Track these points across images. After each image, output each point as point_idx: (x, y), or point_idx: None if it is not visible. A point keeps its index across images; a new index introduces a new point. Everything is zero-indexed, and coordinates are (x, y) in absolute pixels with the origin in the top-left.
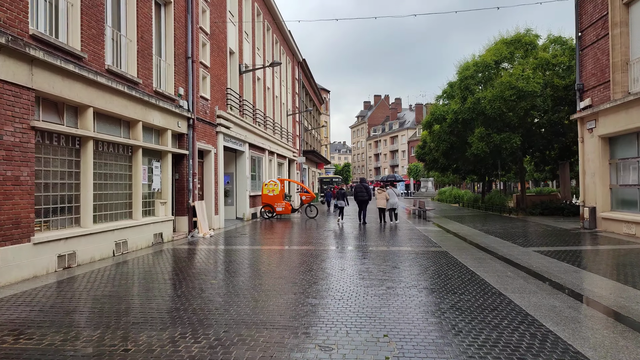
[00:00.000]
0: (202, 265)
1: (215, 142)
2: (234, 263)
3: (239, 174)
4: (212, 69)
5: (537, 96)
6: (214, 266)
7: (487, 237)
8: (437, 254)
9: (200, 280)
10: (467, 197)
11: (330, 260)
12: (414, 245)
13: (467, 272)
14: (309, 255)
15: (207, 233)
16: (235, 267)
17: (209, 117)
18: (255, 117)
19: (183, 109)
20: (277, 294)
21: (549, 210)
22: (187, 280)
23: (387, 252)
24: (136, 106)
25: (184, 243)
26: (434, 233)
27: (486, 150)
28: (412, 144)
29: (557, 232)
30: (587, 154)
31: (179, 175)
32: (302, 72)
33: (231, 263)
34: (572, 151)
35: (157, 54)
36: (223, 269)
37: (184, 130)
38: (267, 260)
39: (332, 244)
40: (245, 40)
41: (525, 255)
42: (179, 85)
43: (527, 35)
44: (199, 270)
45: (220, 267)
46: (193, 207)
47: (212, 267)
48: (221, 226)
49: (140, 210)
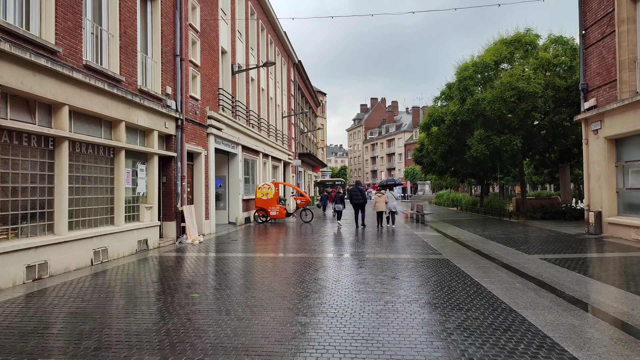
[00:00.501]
0: (186, 275)
1: (205, 143)
2: (220, 273)
3: (232, 177)
4: (203, 68)
5: (538, 97)
6: (198, 277)
7: (489, 243)
8: (438, 263)
9: (182, 293)
10: (465, 200)
11: (325, 269)
12: (413, 252)
13: (471, 284)
14: (302, 263)
15: (196, 239)
16: (221, 278)
17: (199, 118)
18: (248, 119)
19: (171, 109)
20: (264, 310)
21: (550, 214)
22: (167, 293)
23: (385, 261)
24: (118, 105)
25: (170, 250)
26: (433, 239)
27: (486, 153)
28: (409, 147)
29: (561, 238)
30: (592, 156)
31: (167, 179)
32: (298, 74)
33: (217, 273)
34: (573, 154)
35: (143, 50)
36: (208, 280)
37: (172, 131)
38: (256, 269)
39: (327, 251)
40: (238, 39)
41: (531, 263)
42: (166, 84)
43: (527, 35)
44: (182, 281)
45: (205, 278)
46: (181, 211)
47: (196, 277)
48: (212, 231)
49: (122, 215)
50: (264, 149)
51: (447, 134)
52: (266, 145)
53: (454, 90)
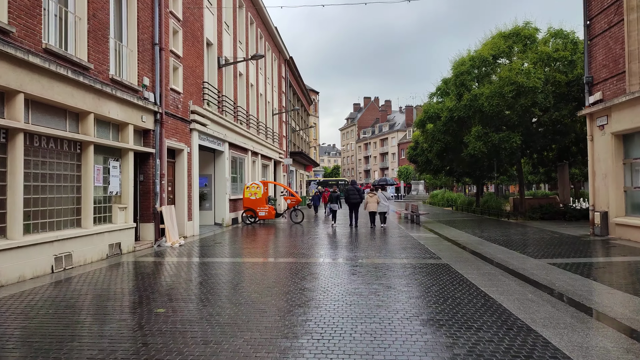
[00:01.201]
0: (157, 284)
1: (188, 140)
2: (195, 282)
3: (218, 175)
4: (186, 60)
5: (538, 92)
6: (169, 286)
7: (490, 245)
8: (438, 268)
9: (146, 307)
10: (460, 200)
11: (313, 277)
12: (409, 256)
13: (478, 295)
14: (289, 270)
15: (176, 242)
16: (194, 288)
17: (182, 112)
18: (236, 115)
19: (148, 101)
20: (239, 330)
21: (549, 214)
22: (129, 307)
23: (380, 266)
24: (86, 95)
25: (146, 254)
26: (429, 241)
27: (484, 151)
28: (402, 146)
29: (566, 240)
30: (597, 154)
31: (144, 177)
32: (289, 71)
33: (192, 282)
34: (571, 152)
35: (117, 37)
36: (179, 291)
37: (150, 125)
38: (237, 277)
39: (317, 255)
40: (226, 31)
41: (540, 269)
42: (143, 75)
43: (526, 29)
44: (150, 292)
45: (176, 289)
46: (160, 212)
47: (166, 287)
48: (195, 233)
49: (91, 217)
50: (252, 147)
51: (443, 131)
52: (255, 142)
53: (450, 86)
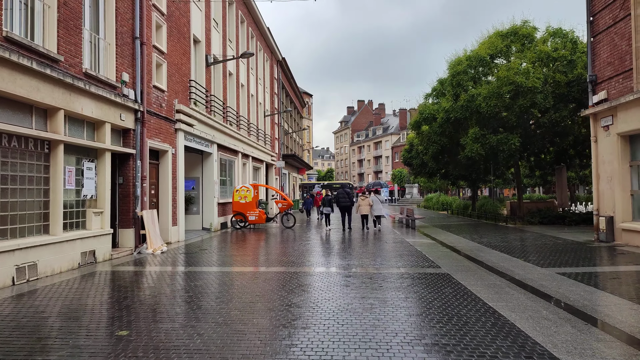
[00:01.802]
0: (127, 299)
1: (173, 140)
2: (169, 296)
3: (206, 178)
4: (171, 57)
5: (538, 92)
6: (140, 302)
7: (491, 252)
8: (438, 279)
9: (108, 329)
10: (456, 204)
11: (302, 289)
12: (406, 264)
13: (486, 311)
14: (277, 281)
15: (158, 248)
16: (167, 304)
17: (166, 111)
18: (226, 116)
19: (128, 98)
20: (209, 358)
21: (548, 218)
22: (88, 328)
23: (375, 276)
24: (54, 90)
25: (124, 263)
26: (427, 247)
27: (481, 153)
28: (396, 149)
29: (570, 247)
30: (601, 155)
31: (124, 179)
32: (282, 72)
33: (166, 296)
34: (569, 155)
35: (93, 29)
36: (150, 308)
37: (130, 124)
38: (218, 290)
39: (308, 264)
40: (214, 29)
41: (549, 279)
42: (122, 70)
43: (524, 27)
44: (118, 308)
45: (148, 304)
46: (141, 217)
47: (137, 303)
48: (180, 239)
49: (60, 223)
50: (243, 149)
51: (439, 132)
52: (246, 144)
53: (446, 86)
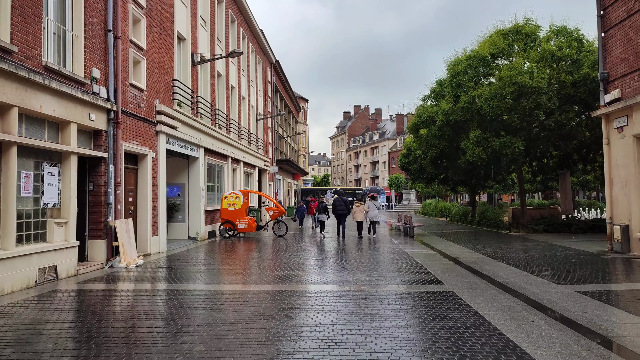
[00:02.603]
0: (76, 327)
1: (154, 144)
2: (127, 324)
3: (192, 184)
4: (151, 53)
5: (542, 93)
6: (89, 332)
7: (498, 265)
8: (442, 299)
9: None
10: (455, 210)
11: (286, 314)
12: (405, 279)
13: (505, 346)
14: (257, 302)
15: (133, 261)
16: (120, 336)
17: (145, 112)
18: (214, 119)
19: (99, 97)
20: None
21: (553, 226)
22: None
23: (371, 296)
24: (5, 84)
25: (92, 279)
26: (427, 259)
27: (483, 157)
28: (393, 154)
29: (583, 258)
30: (615, 159)
31: (95, 185)
32: (276, 75)
33: (124, 323)
34: (573, 159)
35: (58, 20)
36: (99, 342)
37: (101, 125)
38: (187, 315)
39: (295, 280)
40: (202, 27)
41: (571, 301)
42: (92, 66)
43: (526, 26)
44: (62, 341)
45: (98, 336)
46: (113, 227)
47: (85, 334)
48: (162, 250)
49: (13, 235)
50: (233, 153)
51: (439, 136)
52: (236, 149)
53: (445, 87)
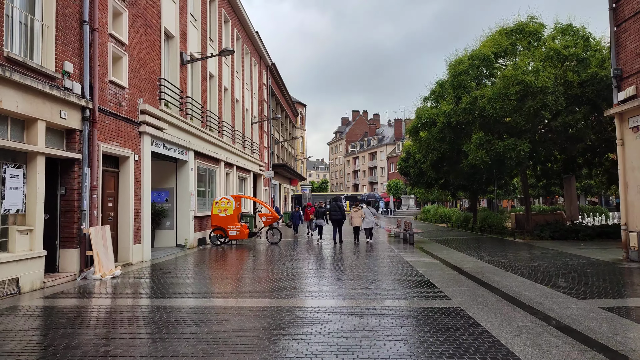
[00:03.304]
0: (26, 354)
1: (137, 145)
2: (84, 351)
3: (181, 189)
4: (134, 49)
5: (548, 93)
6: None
7: (507, 276)
8: (449, 317)
9: None
10: (455, 216)
11: (267, 338)
12: (407, 293)
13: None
14: (237, 322)
15: (109, 272)
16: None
17: (127, 111)
18: (205, 121)
19: (72, 93)
20: None
21: (559, 232)
22: None
23: (368, 314)
24: None
25: (60, 293)
26: (429, 268)
27: (486, 160)
28: (392, 160)
29: (599, 268)
30: (630, 161)
31: (67, 190)
32: (272, 78)
33: (85, 346)
34: (578, 163)
35: (27, 8)
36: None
37: (75, 124)
38: (157, 341)
39: (284, 294)
40: (192, 25)
41: (597, 319)
42: (65, 59)
43: (530, 24)
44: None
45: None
46: (87, 235)
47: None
48: (145, 259)
49: None
50: (226, 157)
51: (439, 139)
52: (229, 152)
53: (446, 88)
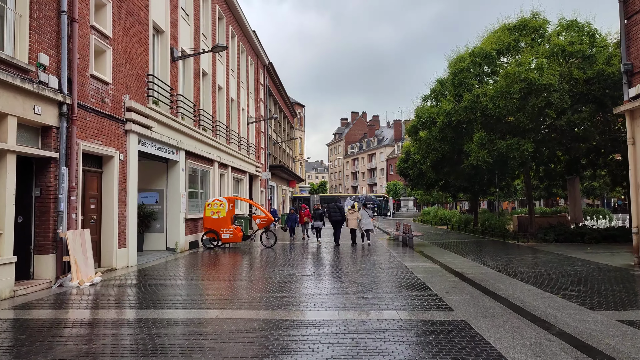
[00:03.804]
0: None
1: (123, 144)
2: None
3: (172, 190)
4: (119, 43)
5: (553, 91)
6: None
7: (514, 283)
8: (453, 333)
9: None
10: (456, 218)
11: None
12: (406, 303)
13: None
14: (216, 338)
15: (87, 280)
16: None
17: (111, 108)
18: (198, 120)
19: (47, 87)
20: None
21: (564, 236)
22: None
23: (363, 329)
24: None
25: (30, 303)
26: (430, 274)
27: (489, 160)
28: (391, 161)
29: (609, 274)
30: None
31: (42, 190)
32: (269, 78)
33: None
34: (581, 164)
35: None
36: None
37: (51, 120)
38: (115, 355)
39: (273, 305)
40: (184, 20)
41: (618, 335)
42: (39, 51)
43: (534, 20)
44: None
45: None
46: (65, 239)
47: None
48: (131, 264)
49: None
50: (220, 157)
51: (440, 138)
52: (224, 153)
53: (447, 86)
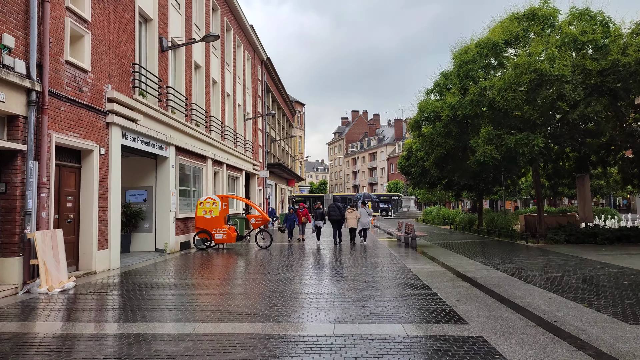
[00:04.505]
0: None
1: (104, 137)
2: None
3: (161, 188)
4: (99, 28)
5: (566, 82)
6: None
7: (530, 289)
8: (469, 353)
9: None
10: (459, 218)
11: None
12: (412, 313)
13: None
14: (204, 355)
15: (58, 285)
16: None
17: (91, 98)
18: (190, 114)
19: (13, 72)
20: None
21: (576, 236)
22: None
23: (361, 349)
24: None
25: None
26: (436, 279)
27: (496, 157)
28: (392, 160)
29: (635, 279)
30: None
31: (7, 187)
32: (267, 74)
33: None
34: (591, 161)
35: None
36: None
37: (17, 109)
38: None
39: (261, 317)
40: (174, 8)
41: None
42: (3, 31)
43: (543, 8)
44: None
45: None
46: (33, 240)
47: None
48: (113, 266)
49: None
50: (214, 154)
51: (444, 134)
52: (219, 149)
53: (452, 79)
